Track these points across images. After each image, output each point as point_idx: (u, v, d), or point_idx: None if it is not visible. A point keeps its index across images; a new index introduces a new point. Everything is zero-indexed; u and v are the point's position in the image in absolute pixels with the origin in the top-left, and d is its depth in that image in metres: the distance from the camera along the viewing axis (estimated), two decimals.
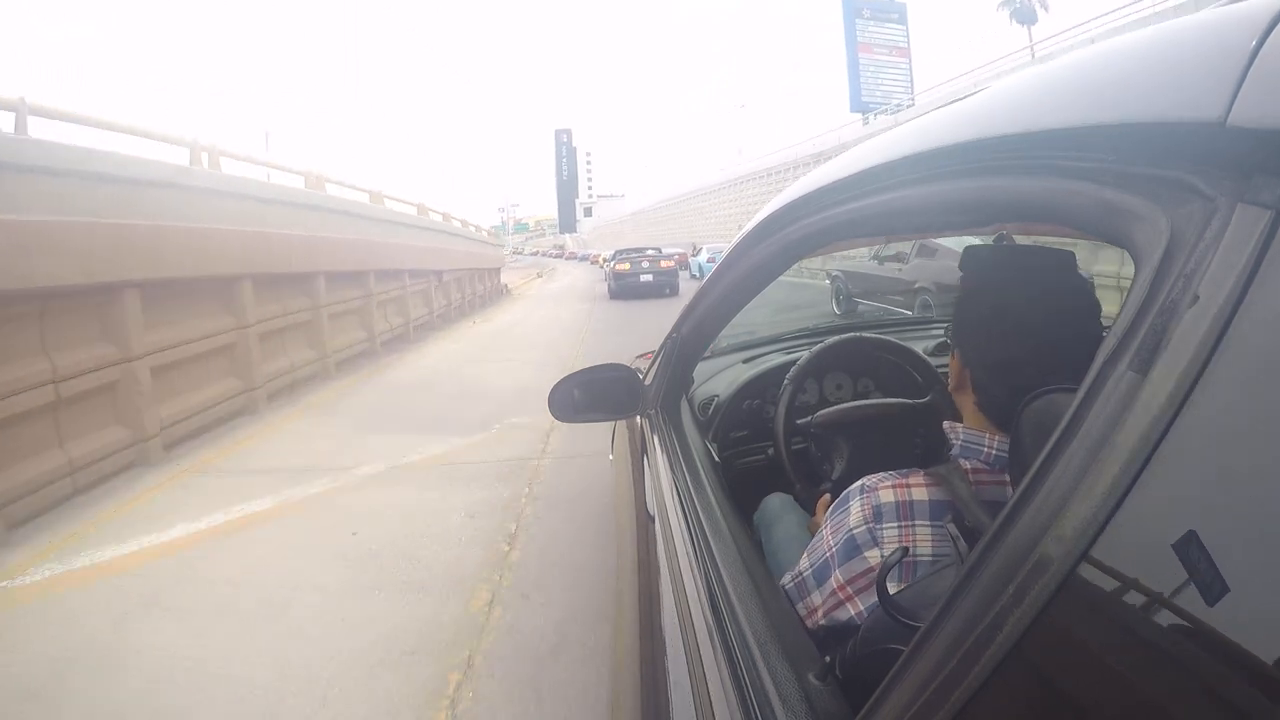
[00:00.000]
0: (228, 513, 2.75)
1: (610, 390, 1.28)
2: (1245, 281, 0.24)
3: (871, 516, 0.60)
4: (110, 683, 1.66)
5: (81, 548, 2.48)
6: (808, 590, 0.66)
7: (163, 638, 1.85)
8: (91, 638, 1.86)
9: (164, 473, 3.32)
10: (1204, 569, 0.24)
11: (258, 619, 1.93)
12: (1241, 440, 0.24)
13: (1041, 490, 0.29)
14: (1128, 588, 0.26)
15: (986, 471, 0.59)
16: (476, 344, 7.72)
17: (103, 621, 1.95)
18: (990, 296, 0.61)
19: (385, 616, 1.91)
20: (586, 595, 1.93)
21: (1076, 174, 0.34)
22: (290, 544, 2.44)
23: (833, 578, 0.62)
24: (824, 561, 0.64)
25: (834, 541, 0.63)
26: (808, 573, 0.66)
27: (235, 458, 3.58)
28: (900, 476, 0.62)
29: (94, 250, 3.17)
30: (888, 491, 0.61)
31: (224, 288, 4.39)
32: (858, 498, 0.62)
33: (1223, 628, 0.23)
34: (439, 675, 1.64)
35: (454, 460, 3.34)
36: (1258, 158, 0.26)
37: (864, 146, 0.63)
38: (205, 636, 1.85)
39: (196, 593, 2.12)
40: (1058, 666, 0.28)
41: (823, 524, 0.68)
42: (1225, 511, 0.24)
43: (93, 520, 2.76)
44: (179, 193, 3.92)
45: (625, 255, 13.95)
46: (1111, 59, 0.39)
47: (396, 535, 2.46)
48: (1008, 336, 0.59)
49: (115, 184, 3.44)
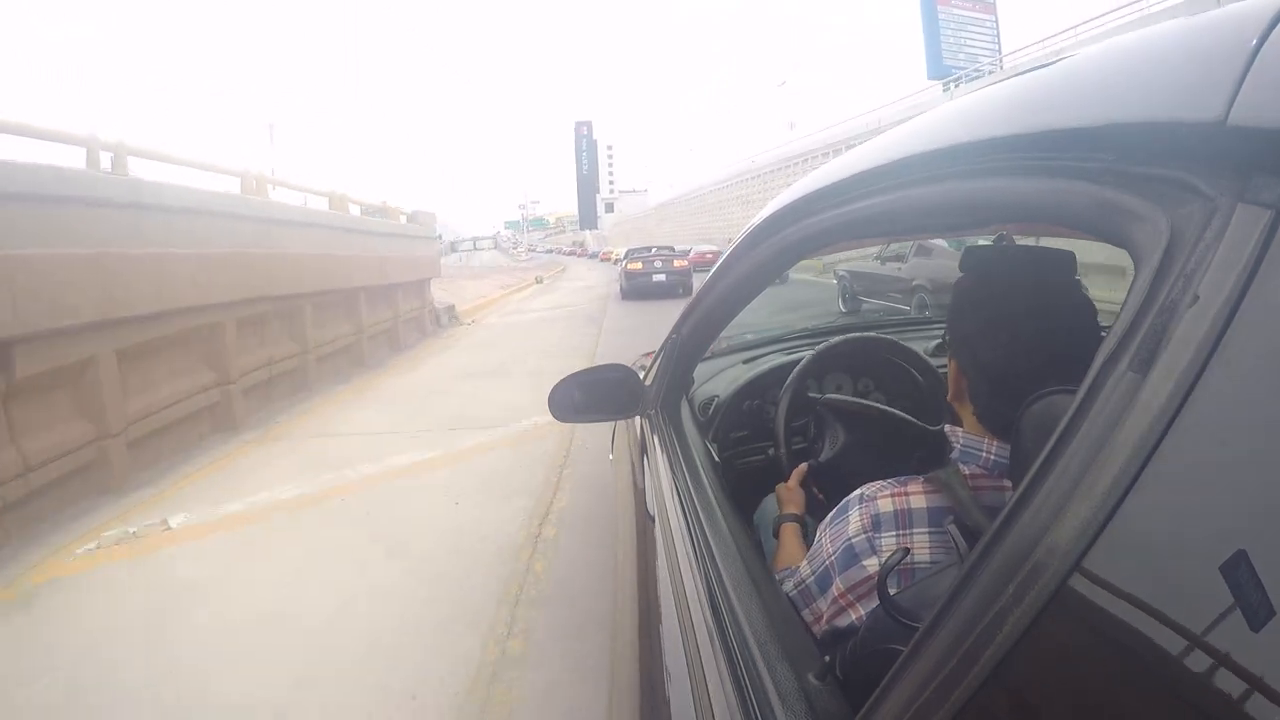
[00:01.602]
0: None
1: (610, 390, 1.28)
2: (1245, 281, 0.24)
3: (870, 525, 0.61)
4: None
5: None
6: (812, 597, 0.66)
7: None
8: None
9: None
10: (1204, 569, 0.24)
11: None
12: (1241, 440, 0.24)
13: (1041, 490, 0.29)
14: (1128, 588, 0.26)
15: (985, 476, 0.59)
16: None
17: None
18: (988, 306, 0.61)
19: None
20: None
21: (1076, 174, 0.34)
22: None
23: (834, 586, 0.62)
24: (824, 570, 0.64)
25: (833, 550, 0.63)
26: (810, 580, 0.67)
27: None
28: (899, 485, 0.62)
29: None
30: (886, 501, 0.61)
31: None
32: (856, 507, 0.63)
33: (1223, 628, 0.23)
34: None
35: None
36: (1258, 158, 0.26)
37: (864, 147, 0.63)
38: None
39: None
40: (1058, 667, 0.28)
41: (820, 533, 0.68)
42: (1225, 511, 0.24)
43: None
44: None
45: (637, 255, 13.88)
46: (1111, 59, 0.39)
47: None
48: (1006, 347, 0.59)
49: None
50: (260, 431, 4.16)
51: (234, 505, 2.96)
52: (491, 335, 8.41)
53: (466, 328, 9.14)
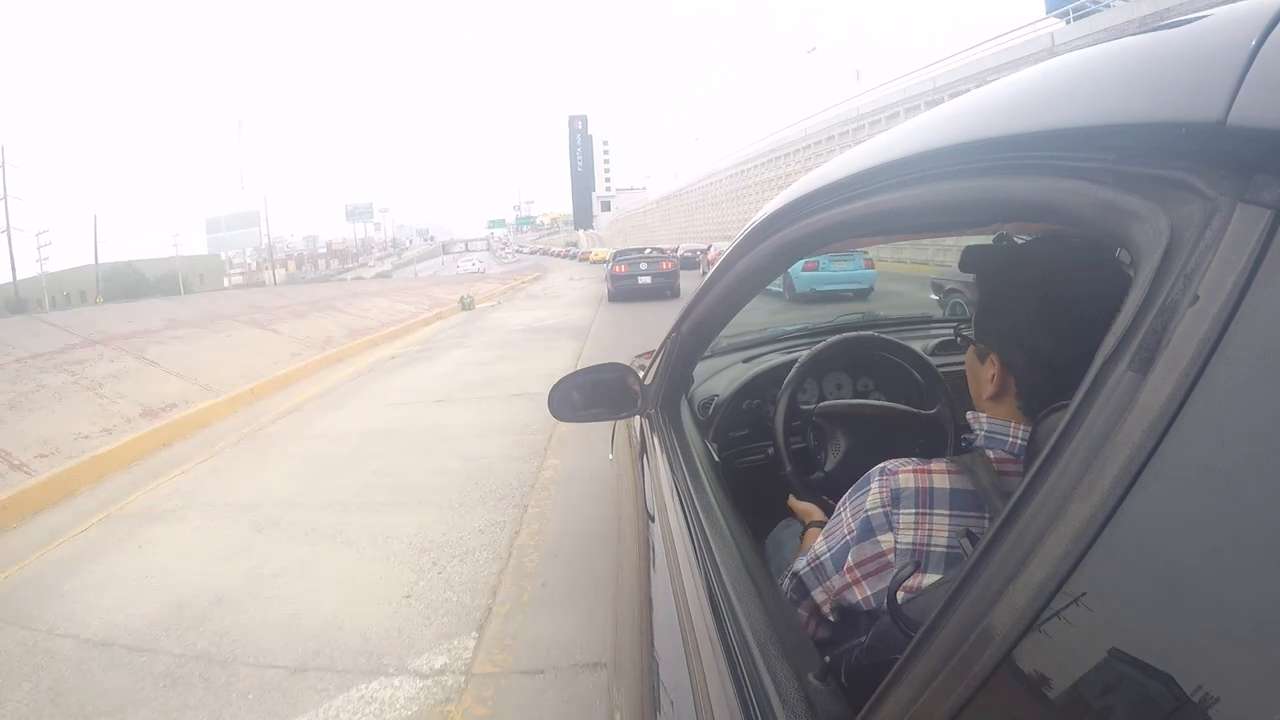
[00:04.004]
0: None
1: (610, 390, 1.28)
2: (1245, 281, 0.24)
3: (890, 500, 0.60)
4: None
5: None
6: (826, 574, 0.65)
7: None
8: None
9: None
10: (1204, 569, 0.24)
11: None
12: (1241, 440, 0.24)
13: (1042, 490, 0.29)
14: (1128, 588, 0.26)
15: (1011, 461, 0.58)
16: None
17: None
18: (1028, 295, 0.58)
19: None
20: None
21: (1076, 174, 0.34)
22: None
23: (848, 559, 0.62)
24: (844, 544, 0.63)
25: (853, 522, 0.62)
26: (826, 556, 0.65)
27: None
28: (922, 462, 0.61)
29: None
30: (908, 476, 0.60)
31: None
32: (877, 479, 0.62)
33: (1223, 628, 0.23)
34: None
35: None
36: (1258, 158, 0.26)
37: (864, 146, 0.63)
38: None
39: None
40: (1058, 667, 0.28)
41: (840, 506, 0.67)
42: (1225, 511, 0.24)
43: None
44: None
45: (624, 258, 13.75)
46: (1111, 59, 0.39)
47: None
48: (1058, 332, 0.55)
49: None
50: None
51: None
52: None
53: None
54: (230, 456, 3.95)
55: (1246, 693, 0.22)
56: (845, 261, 9.01)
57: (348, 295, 12.63)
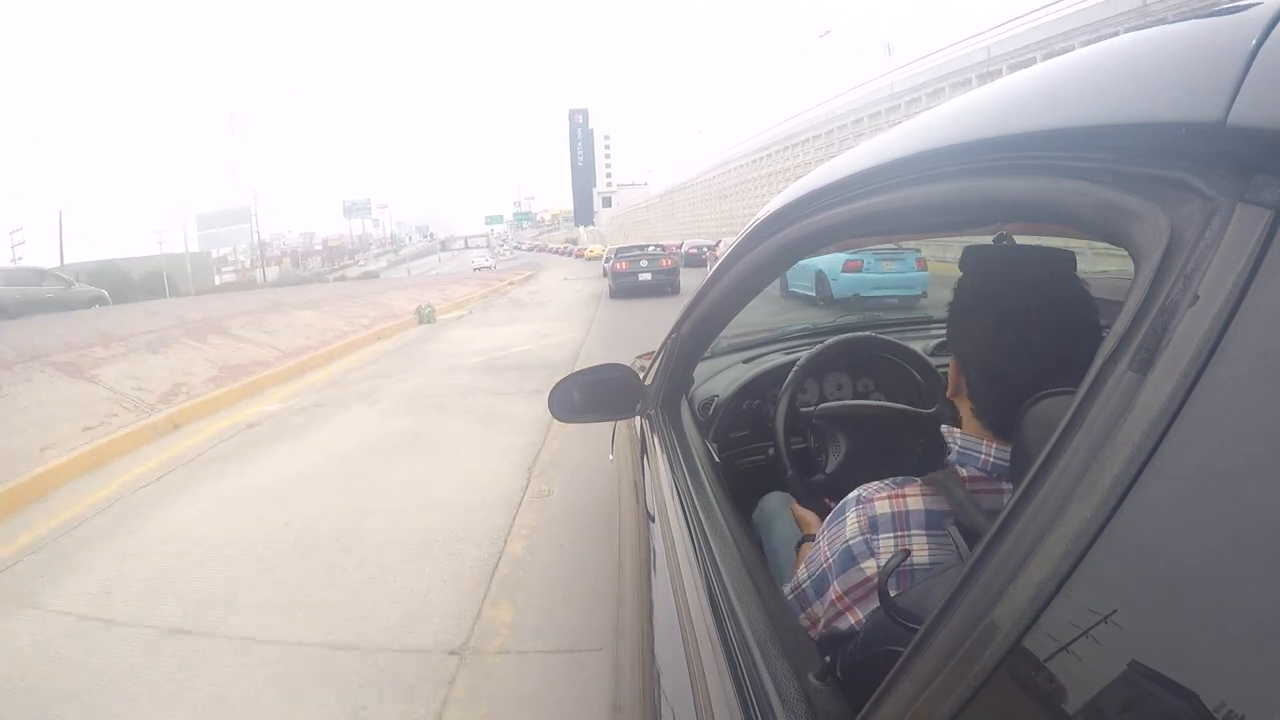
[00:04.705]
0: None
1: (610, 391, 1.28)
2: (1245, 281, 0.24)
3: (867, 527, 0.60)
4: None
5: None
6: (808, 601, 0.66)
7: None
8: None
9: None
10: (1204, 569, 0.24)
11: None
12: (1241, 440, 0.24)
13: (1042, 490, 0.29)
14: (1128, 588, 0.26)
15: (984, 479, 0.58)
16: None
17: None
18: (991, 304, 0.60)
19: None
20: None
21: (1076, 174, 0.34)
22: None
23: (831, 589, 0.62)
24: (821, 573, 0.64)
25: (830, 553, 0.63)
26: (807, 584, 0.66)
27: None
28: (895, 487, 0.62)
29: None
30: (883, 503, 0.61)
31: None
32: (854, 509, 0.63)
33: (1223, 628, 0.23)
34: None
35: None
36: (1258, 158, 0.26)
37: (864, 146, 0.63)
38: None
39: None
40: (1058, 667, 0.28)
41: (819, 535, 0.68)
42: (1225, 511, 0.24)
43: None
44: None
45: (624, 255, 13.92)
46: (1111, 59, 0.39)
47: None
48: (1009, 348, 0.58)
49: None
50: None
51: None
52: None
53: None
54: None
55: (1246, 693, 0.22)
56: (894, 262, 7.45)
57: (263, 309, 9.11)
